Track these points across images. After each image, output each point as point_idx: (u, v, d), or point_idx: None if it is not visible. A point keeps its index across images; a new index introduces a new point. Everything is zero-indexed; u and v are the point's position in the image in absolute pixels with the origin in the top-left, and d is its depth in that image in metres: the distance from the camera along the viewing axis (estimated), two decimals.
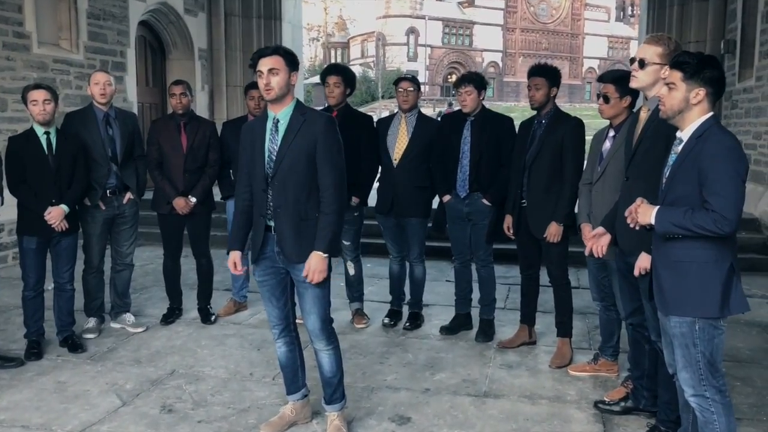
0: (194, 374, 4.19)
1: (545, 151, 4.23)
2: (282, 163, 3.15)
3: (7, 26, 7.10)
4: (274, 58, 3.11)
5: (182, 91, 4.94)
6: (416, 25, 59.58)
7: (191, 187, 4.96)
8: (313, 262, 3.12)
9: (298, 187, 3.16)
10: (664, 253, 2.71)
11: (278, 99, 3.14)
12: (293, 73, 3.17)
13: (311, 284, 3.20)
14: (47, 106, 4.33)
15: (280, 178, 3.16)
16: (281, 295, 3.35)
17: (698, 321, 2.63)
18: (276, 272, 3.29)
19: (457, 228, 4.84)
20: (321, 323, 3.27)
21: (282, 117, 3.19)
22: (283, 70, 3.11)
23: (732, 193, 2.49)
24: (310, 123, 3.16)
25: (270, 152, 3.19)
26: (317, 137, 3.14)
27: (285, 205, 3.17)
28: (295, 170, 3.15)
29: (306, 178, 3.16)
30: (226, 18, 11.11)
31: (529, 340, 4.69)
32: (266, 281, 3.33)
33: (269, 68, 3.09)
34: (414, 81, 4.95)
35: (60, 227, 4.32)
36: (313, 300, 3.24)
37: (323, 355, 3.34)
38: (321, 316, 3.27)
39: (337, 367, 3.36)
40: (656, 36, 3.18)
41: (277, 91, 3.11)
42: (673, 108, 2.68)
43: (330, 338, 3.32)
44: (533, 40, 63.47)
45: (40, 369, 4.23)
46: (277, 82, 3.10)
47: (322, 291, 3.26)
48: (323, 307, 3.27)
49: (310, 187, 3.17)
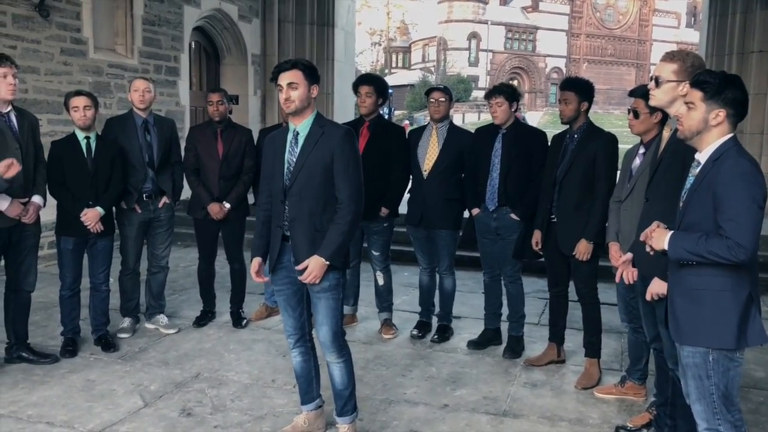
0: (218, 378, 4.26)
1: (576, 167, 4.13)
2: (299, 175, 3.18)
3: (65, 32, 7.39)
4: (293, 72, 3.15)
5: (219, 99, 5.04)
6: (478, 29, 59.20)
7: (226, 193, 5.05)
8: (311, 264, 3.14)
9: (314, 199, 3.18)
10: (679, 280, 2.60)
11: (298, 112, 3.18)
12: (313, 86, 3.20)
13: (324, 296, 3.22)
14: (87, 112, 4.48)
15: (297, 189, 3.19)
16: (297, 305, 3.38)
17: (712, 352, 2.52)
18: (292, 282, 3.31)
19: (486, 242, 4.78)
20: (332, 335, 3.28)
21: (302, 129, 3.23)
22: (302, 84, 3.15)
23: (747, 219, 2.37)
24: (328, 135, 3.19)
25: (289, 164, 3.23)
26: (334, 150, 3.15)
27: (300, 217, 3.19)
28: (312, 182, 3.17)
29: (322, 191, 3.18)
30: (279, 24, 11.27)
31: (558, 358, 4.58)
32: (282, 291, 3.37)
33: (288, 82, 3.14)
34: (446, 91, 4.91)
35: (96, 229, 4.46)
36: (325, 311, 3.25)
37: (334, 367, 3.35)
38: (333, 327, 3.28)
39: (349, 380, 3.36)
40: (671, 53, 3.08)
41: (297, 104, 3.15)
42: (692, 129, 2.58)
43: (341, 350, 3.32)
44: (598, 45, 62.20)
45: (72, 366, 4.37)
46: (297, 96, 3.14)
47: (335, 303, 3.27)
48: (335, 318, 3.28)
49: (326, 200, 3.18)
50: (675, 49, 18.23)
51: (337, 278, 3.26)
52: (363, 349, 4.85)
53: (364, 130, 4.97)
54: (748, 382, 4.29)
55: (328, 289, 3.23)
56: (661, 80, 2.99)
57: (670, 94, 2.98)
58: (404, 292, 6.34)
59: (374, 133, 4.95)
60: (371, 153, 4.89)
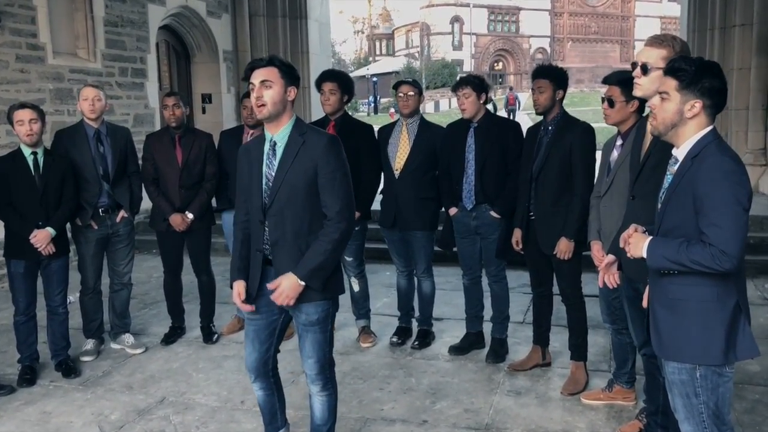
0: (184, 402, 4.02)
1: (552, 161, 3.89)
2: (279, 192, 2.81)
3: (20, 38, 7.07)
4: (268, 69, 2.77)
5: (175, 102, 4.76)
6: (461, 13, 58.78)
7: (188, 203, 4.79)
8: (284, 284, 2.78)
9: (298, 218, 2.82)
10: (661, 289, 2.37)
11: (273, 117, 2.79)
12: (291, 88, 2.82)
13: (312, 329, 2.91)
14: (34, 126, 4.20)
15: (278, 208, 2.83)
16: (266, 339, 3.03)
17: (699, 368, 2.29)
18: (269, 313, 2.98)
19: (465, 242, 4.54)
20: (319, 368, 2.97)
21: (279, 139, 2.85)
22: (277, 83, 2.76)
23: (732, 224, 2.14)
24: (309, 145, 2.81)
25: (267, 179, 2.86)
26: (317, 161, 2.79)
27: (283, 239, 2.83)
28: (294, 200, 2.81)
29: (306, 208, 2.82)
30: (250, 19, 10.94)
31: (543, 362, 4.36)
32: (256, 320, 3.00)
33: (262, 80, 2.75)
34: (415, 84, 4.65)
35: (47, 251, 4.20)
36: (312, 345, 2.94)
37: (316, 400, 3.05)
38: (320, 361, 2.96)
39: (329, 415, 3.08)
40: (659, 37, 2.81)
41: (270, 107, 2.75)
42: (666, 122, 2.33)
43: (327, 384, 3.02)
44: (582, 24, 61.90)
45: (29, 397, 4.11)
46: (270, 96, 2.74)
47: (323, 336, 2.95)
48: (323, 351, 2.96)
49: (312, 218, 2.82)
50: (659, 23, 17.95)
51: (326, 310, 2.92)
52: (340, 360, 4.55)
53: (329, 130, 4.70)
54: (743, 378, 4.09)
55: (317, 323, 2.91)
56: (650, 67, 2.72)
57: (658, 83, 2.72)
58: (385, 294, 6.11)
59: (341, 133, 4.64)
60: None
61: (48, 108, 7.34)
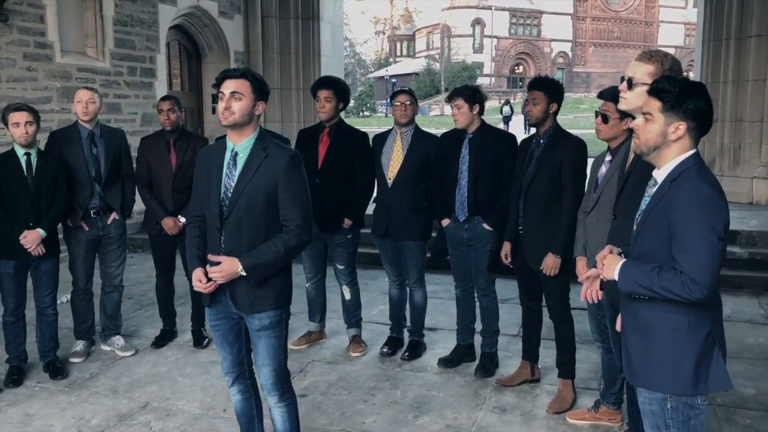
0: (167, 408, 4.00)
1: (542, 174, 3.82)
2: (237, 203, 2.83)
3: (28, 36, 7.12)
4: (240, 81, 2.79)
5: (170, 107, 4.75)
6: (482, 15, 58.61)
7: (181, 206, 4.76)
8: (224, 264, 2.79)
9: (255, 230, 2.83)
10: (632, 314, 2.31)
11: (237, 127, 2.81)
12: (259, 103, 2.83)
13: (264, 334, 2.90)
14: (29, 128, 4.20)
15: (235, 218, 2.84)
16: (234, 342, 3.06)
17: (671, 399, 2.22)
18: (229, 317, 3.00)
19: (457, 254, 4.48)
20: (275, 377, 2.96)
21: (241, 150, 2.86)
22: (247, 97, 2.78)
23: (705, 253, 2.06)
24: (271, 159, 2.82)
25: (226, 188, 2.87)
26: (279, 177, 2.80)
27: (239, 249, 2.83)
28: (252, 212, 2.82)
29: (263, 221, 2.83)
30: (263, 20, 10.96)
31: (532, 377, 4.28)
32: (219, 326, 3.03)
33: (233, 91, 2.77)
34: (411, 94, 4.60)
35: (36, 252, 4.20)
36: (266, 351, 2.93)
37: (276, 412, 3.03)
38: (275, 369, 2.95)
39: (291, 425, 3.05)
40: (650, 52, 2.75)
41: (237, 117, 2.77)
42: (649, 143, 2.26)
43: (284, 394, 3.01)
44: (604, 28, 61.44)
45: (14, 398, 4.12)
46: (239, 108, 2.77)
47: (278, 342, 2.94)
48: (278, 359, 2.96)
49: (268, 231, 2.84)
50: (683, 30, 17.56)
51: (278, 315, 2.93)
52: (327, 370, 4.58)
53: (324, 137, 4.68)
54: (735, 401, 3.99)
55: (269, 327, 2.91)
56: (635, 82, 2.67)
57: (643, 99, 2.65)
58: (382, 301, 6.03)
59: (335, 140, 4.65)
60: (333, 161, 4.63)
61: (54, 106, 7.41)
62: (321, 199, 4.58)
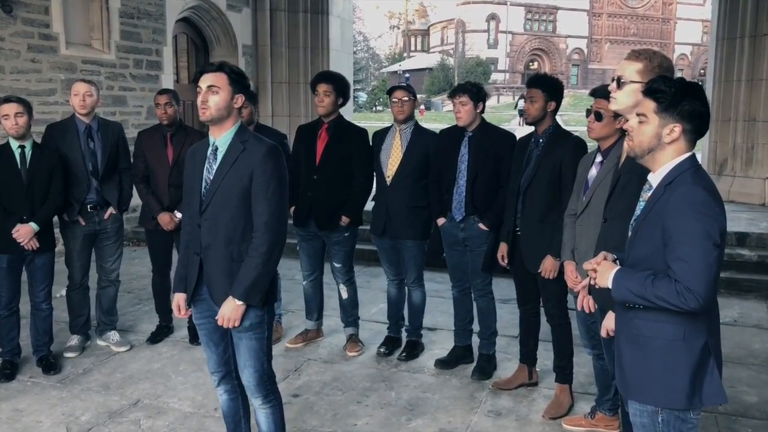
0: (157, 406, 3.95)
1: (541, 175, 3.73)
2: (214, 196, 2.80)
3: (32, 28, 7.09)
4: (216, 75, 2.77)
5: (167, 100, 4.69)
6: (497, 11, 58.23)
7: (177, 201, 4.71)
8: (225, 309, 2.78)
9: (231, 223, 2.80)
10: (626, 323, 2.22)
11: (216, 121, 2.79)
12: (238, 96, 2.80)
13: (245, 336, 2.85)
14: (19, 120, 4.17)
15: (212, 212, 2.81)
16: (220, 341, 3.01)
17: (662, 412, 2.14)
18: (211, 317, 2.94)
19: (454, 253, 4.40)
20: (258, 379, 2.91)
21: (221, 143, 2.83)
22: (224, 90, 2.75)
23: (700, 260, 1.97)
24: (249, 152, 2.78)
25: (206, 182, 2.85)
26: (254, 169, 2.75)
27: (215, 244, 2.82)
28: (228, 205, 2.79)
29: (240, 215, 2.79)
30: (271, 13, 10.89)
31: (529, 381, 4.20)
32: (203, 325, 2.99)
33: (209, 85, 2.75)
34: (409, 90, 4.52)
35: (29, 246, 4.17)
36: (248, 352, 2.88)
37: (261, 414, 2.98)
38: (258, 370, 2.90)
39: (277, 427, 3.00)
40: (638, 51, 2.67)
41: (213, 111, 2.75)
42: (643, 145, 2.18)
43: (269, 395, 2.96)
44: (621, 25, 60.82)
45: (5, 393, 4.08)
46: (215, 102, 2.74)
47: (259, 343, 2.89)
48: (260, 360, 2.91)
49: (246, 226, 2.79)
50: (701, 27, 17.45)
51: (260, 315, 2.87)
52: (322, 369, 4.51)
53: (322, 133, 4.61)
54: (737, 409, 3.89)
55: (249, 329, 2.85)
56: (623, 80, 2.60)
57: (633, 98, 2.57)
58: (383, 299, 5.91)
59: (333, 136, 4.58)
60: (331, 157, 4.55)
61: (59, 99, 7.38)
62: (318, 196, 4.54)
